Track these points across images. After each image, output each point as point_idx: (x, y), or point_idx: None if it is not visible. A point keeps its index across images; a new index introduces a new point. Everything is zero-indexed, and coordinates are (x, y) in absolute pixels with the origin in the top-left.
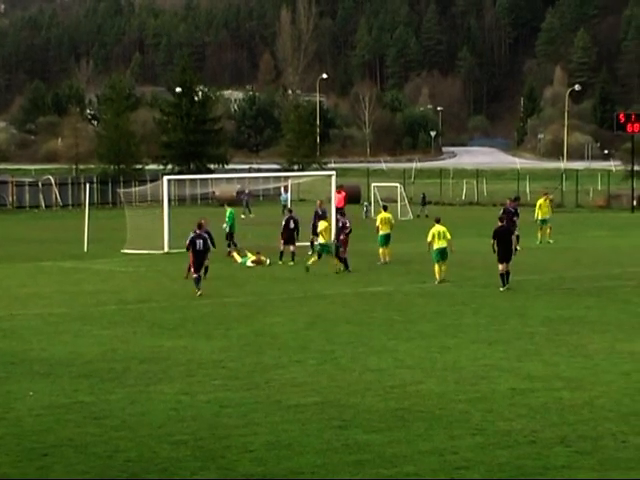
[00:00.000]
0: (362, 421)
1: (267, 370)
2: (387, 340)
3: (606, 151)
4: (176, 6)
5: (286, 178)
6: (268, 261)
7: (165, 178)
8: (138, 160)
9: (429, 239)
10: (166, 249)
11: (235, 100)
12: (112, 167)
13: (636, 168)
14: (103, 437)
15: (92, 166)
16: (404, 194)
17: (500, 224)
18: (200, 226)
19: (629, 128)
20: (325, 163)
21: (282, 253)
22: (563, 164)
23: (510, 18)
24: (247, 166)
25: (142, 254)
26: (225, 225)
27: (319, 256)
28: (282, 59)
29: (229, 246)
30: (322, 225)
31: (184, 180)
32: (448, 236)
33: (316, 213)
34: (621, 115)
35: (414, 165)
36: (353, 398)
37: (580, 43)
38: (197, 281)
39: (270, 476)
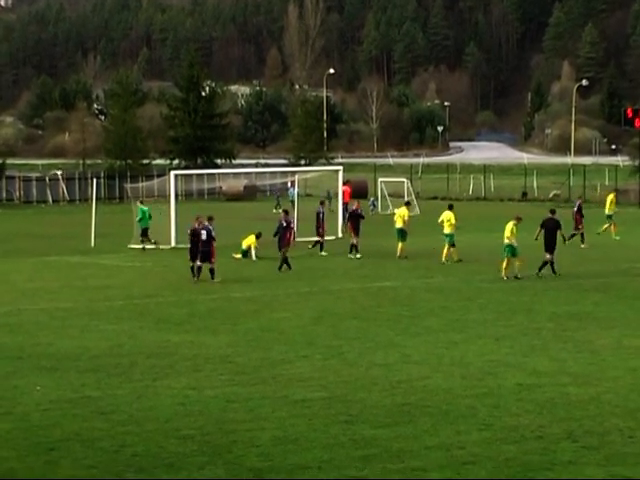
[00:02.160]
0: (369, 416)
1: (274, 365)
2: (394, 335)
3: (613, 146)
4: (183, 1)
5: (293, 173)
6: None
7: (172, 173)
8: (145, 155)
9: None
10: (173, 244)
11: (242, 95)
12: (119, 162)
13: None
14: (110, 432)
15: (99, 161)
16: (411, 189)
17: (550, 215)
18: (200, 221)
19: (637, 123)
20: (332, 158)
21: (322, 245)
22: (570, 159)
23: (518, 13)
24: (254, 161)
25: (149, 249)
26: (138, 218)
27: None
28: (289, 54)
29: (142, 242)
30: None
31: (191, 175)
32: (452, 221)
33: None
34: (629, 110)
35: (421, 160)
36: (360, 393)
37: (588, 38)
38: (196, 270)
39: (276, 471)
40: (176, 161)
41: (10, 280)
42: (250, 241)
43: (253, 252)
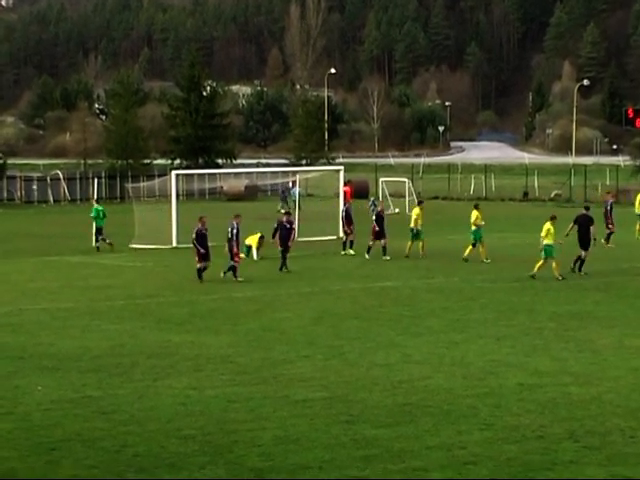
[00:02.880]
0: (370, 416)
1: (275, 365)
2: (395, 335)
3: (615, 146)
4: (184, 1)
5: (294, 173)
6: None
7: (173, 173)
8: (146, 155)
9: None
10: (174, 244)
11: (243, 95)
12: (120, 162)
13: None
14: (111, 432)
15: (100, 161)
16: (412, 189)
17: (584, 212)
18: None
19: (638, 123)
20: (333, 158)
21: (351, 242)
22: (571, 159)
23: (519, 13)
24: (255, 161)
25: (150, 249)
26: (92, 216)
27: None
28: (290, 54)
29: (97, 241)
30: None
31: (192, 175)
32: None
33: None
34: (630, 110)
35: (422, 160)
36: (361, 393)
37: (589, 38)
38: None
39: (277, 471)
40: (177, 161)
41: (11, 280)
42: (254, 240)
43: (254, 252)
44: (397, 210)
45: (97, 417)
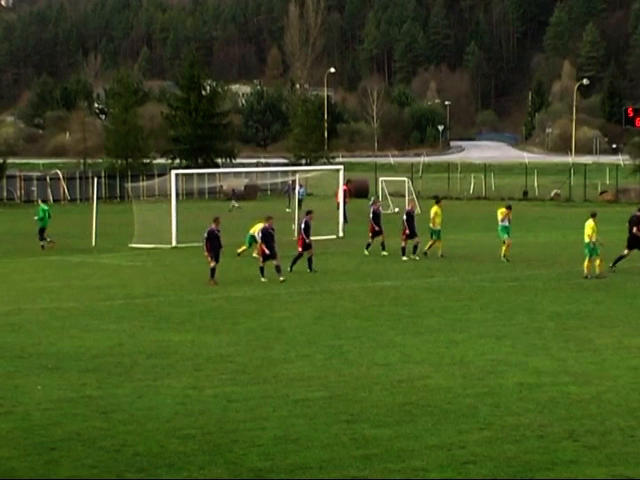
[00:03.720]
0: (370, 415)
1: (275, 364)
2: (395, 335)
3: (614, 145)
4: (184, 1)
5: (294, 172)
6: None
7: (173, 172)
8: (146, 154)
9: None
10: (174, 243)
11: (243, 94)
12: (120, 161)
13: None
14: (111, 431)
15: (100, 160)
16: (412, 188)
17: (638, 213)
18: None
19: (638, 122)
20: (333, 157)
21: (382, 244)
22: (571, 158)
23: (518, 12)
24: (255, 160)
25: (150, 248)
26: (36, 218)
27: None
28: (290, 53)
29: (41, 239)
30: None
31: (192, 174)
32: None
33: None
34: (629, 109)
35: (422, 159)
36: (361, 392)
37: (588, 37)
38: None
39: (277, 470)
40: (177, 160)
41: (11, 280)
42: (257, 228)
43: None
44: (397, 210)
45: (97, 416)
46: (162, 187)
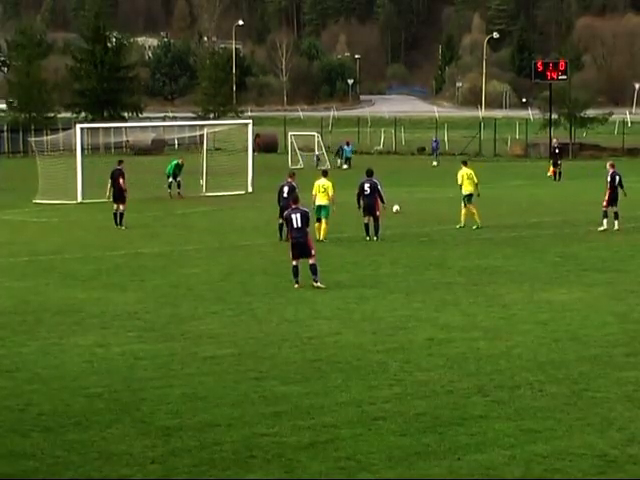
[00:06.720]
0: (279, 373)
1: (183, 322)
2: (304, 291)
3: (524, 99)
4: None
5: (202, 126)
6: None
7: (78, 126)
8: (50, 108)
9: (459, 182)
10: (79, 199)
11: (149, 47)
12: (23, 115)
13: (554, 116)
14: (15, 390)
15: (2, 114)
16: (322, 143)
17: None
18: (292, 176)
19: (547, 76)
20: (242, 112)
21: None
22: (481, 113)
23: None
24: (162, 114)
25: (55, 204)
26: None
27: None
28: (197, 5)
29: None
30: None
31: (97, 128)
32: (475, 179)
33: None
34: (539, 63)
35: (332, 114)
36: (270, 349)
37: None
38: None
39: (185, 429)
40: (82, 114)
41: None
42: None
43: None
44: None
45: (0, 375)
46: (67, 141)
